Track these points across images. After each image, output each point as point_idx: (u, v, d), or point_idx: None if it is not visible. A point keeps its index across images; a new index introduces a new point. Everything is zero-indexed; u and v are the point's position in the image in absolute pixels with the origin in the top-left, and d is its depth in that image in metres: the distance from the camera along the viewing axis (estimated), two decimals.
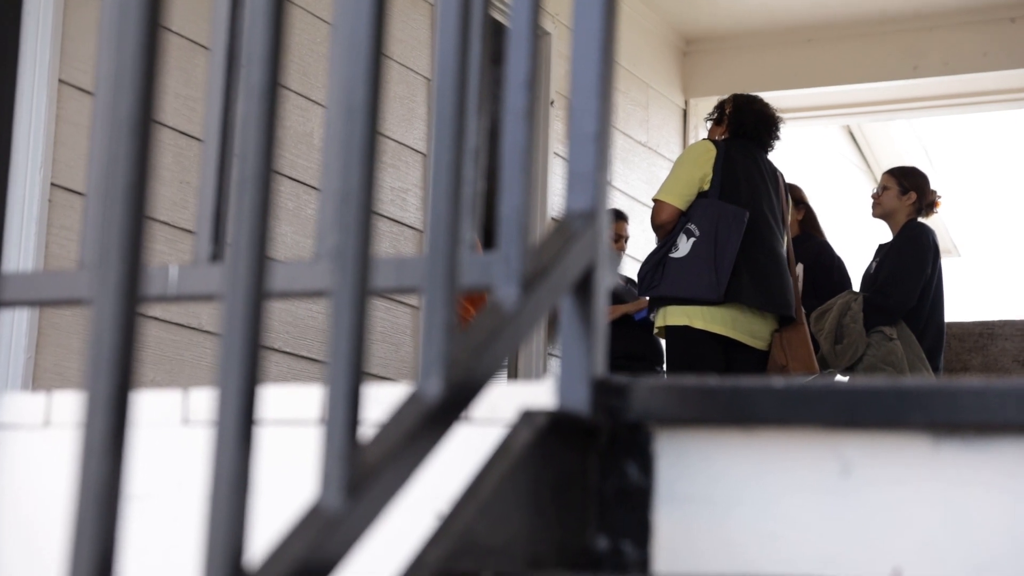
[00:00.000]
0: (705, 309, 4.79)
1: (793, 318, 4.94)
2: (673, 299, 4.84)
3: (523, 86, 1.34)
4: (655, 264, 4.90)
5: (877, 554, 1.25)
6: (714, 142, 5.01)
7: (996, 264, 11.73)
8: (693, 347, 4.80)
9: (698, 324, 4.79)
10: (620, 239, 6.34)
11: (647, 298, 5.79)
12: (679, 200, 4.88)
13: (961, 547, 1.22)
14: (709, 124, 5.28)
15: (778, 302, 4.87)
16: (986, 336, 6.27)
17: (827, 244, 5.84)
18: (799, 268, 5.63)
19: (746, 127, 5.07)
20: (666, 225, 4.89)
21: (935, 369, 5.37)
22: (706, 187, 4.89)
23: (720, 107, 5.23)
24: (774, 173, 5.10)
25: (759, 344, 4.89)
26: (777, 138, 5.15)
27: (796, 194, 5.86)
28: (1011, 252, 11.89)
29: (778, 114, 5.18)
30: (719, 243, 4.78)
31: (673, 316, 4.84)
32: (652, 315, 5.07)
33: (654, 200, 4.98)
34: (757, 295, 4.83)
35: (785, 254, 5.01)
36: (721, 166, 4.90)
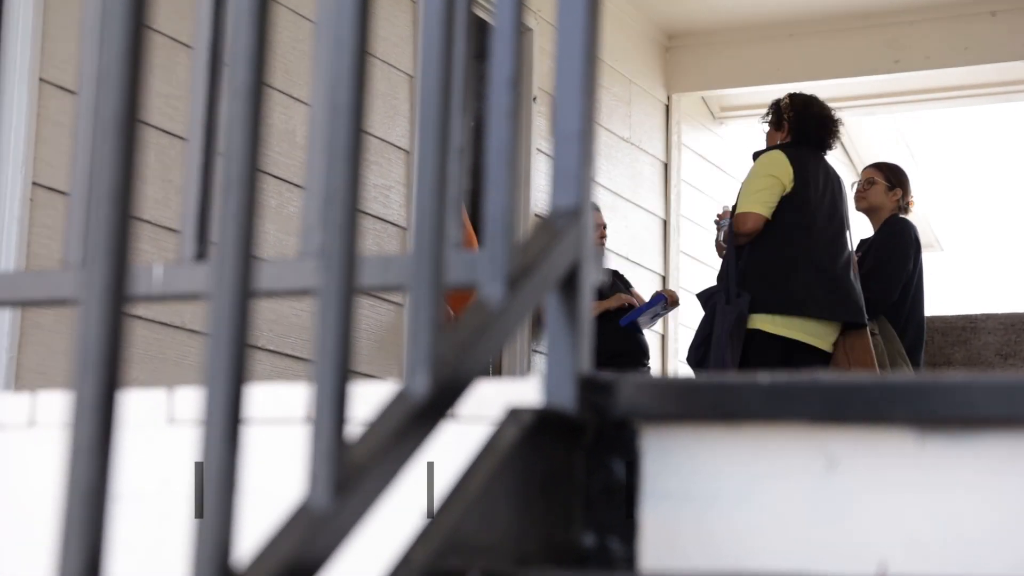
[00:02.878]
0: (769, 316, 4.86)
1: (862, 323, 4.99)
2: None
3: (507, 85, 1.34)
4: (701, 342, 4.96)
5: (863, 549, 1.26)
6: (782, 151, 5.01)
7: (979, 258, 11.77)
8: (754, 346, 4.86)
9: (766, 328, 4.85)
10: (597, 226, 6.34)
11: (627, 296, 5.80)
12: (764, 208, 4.92)
13: (946, 541, 1.23)
14: (766, 128, 5.25)
15: (849, 311, 4.93)
16: (969, 330, 6.30)
17: None
18: None
19: (810, 132, 5.08)
20: (752, 233, 4.91)
21: (915, 364, 5.39)
22: (787, 192, 4.92)
23: (776, 110, 5.20)
24: (837, 177, 5.14)
25: (823, 345, 4.93)
26: (838, 138, 5.18)
27: None
28: (993, 246, 11.94)
29: (836, 114, 5.19)
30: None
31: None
32: (649, 326, 5.15)
33: (738, 213, 4.97)
34: (828, 307, 4.88)
35: (852, 258, 5.07)
36: (796, 174, 4.94)
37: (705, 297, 5.05)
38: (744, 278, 4.90)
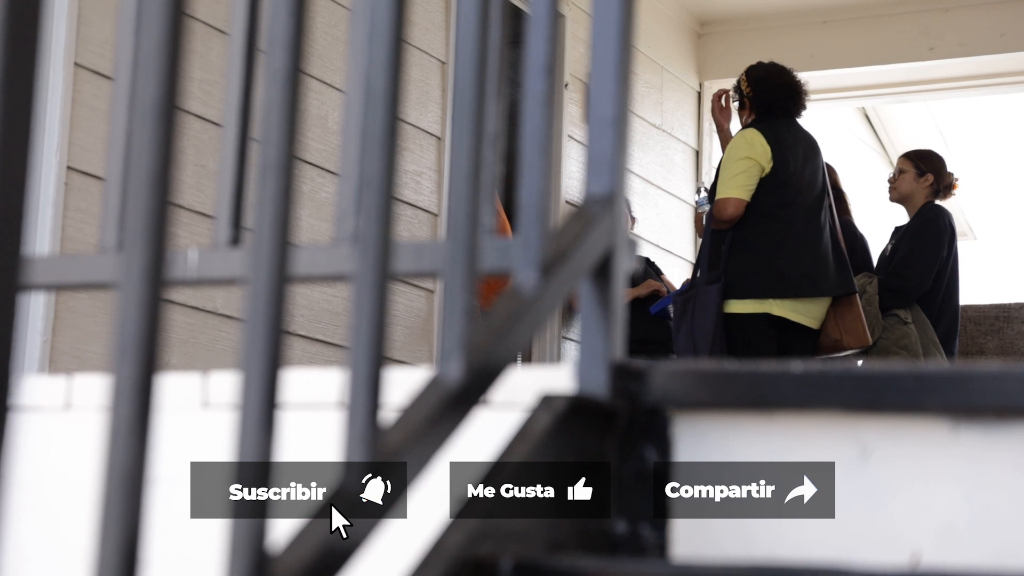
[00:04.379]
0: (763, 300, 4.83)
1: (852, 292, 4.95)
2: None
3: (543, 71, 1.34)
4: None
5: (896, 538, 1.25)
6: (757, 129, 4.96)
7: (1012, 247, 11.69)
8: (748, 330, 4.83)
9: (761, 310, 4.82)
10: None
11: (657, 283, 5.80)
12: (744, 192, 4.86)
13: (980, 531, 1.22)
14: (736, 106, 5.22)
15: (840, 283, 4.90)
16: (1002, 319, 6.26)
17: (850, 223, 5.82)
18: None
19: (773, 104, 5.02)
20: (734, 219, 4.87)
21: (949, 354, 5.35)
22: (767, 173, 4.87)
23: (737, 90, 5.17)
24: (814, 143, 5.07)
25: (812, 323, 4.91)
26: (805, 103, 5.10)
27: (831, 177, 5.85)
28: None
29: (798, 77, 5.12)
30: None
31: (731, 306, 4.87)
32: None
33: (718, 199, 4.92)
34: (818, 284, 4.84)
35: (836, 226, 5.03)
36: (774, 153, 4.89)
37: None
38: (731, 262, 4.86)
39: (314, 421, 1.51)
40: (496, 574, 1.13)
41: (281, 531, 0.96)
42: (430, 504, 1.24)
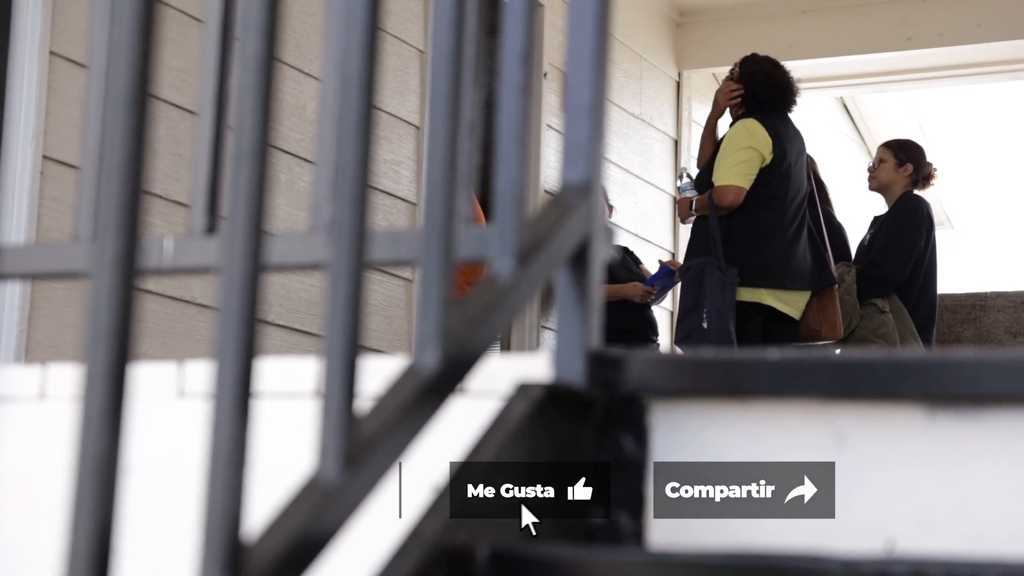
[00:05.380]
0: (751, 288, 4.86)
1: (832, 284, 5.01)
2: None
3: (519, 59, 1.34)
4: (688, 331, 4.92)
5: (871, 525, 1.26)
6: (757, 120, 4.97)
7: (989, 236, 11.75)
8: (739, 317, 4.85)
9: (748, 298, 4.85)
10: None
11: (643, 284, 5.80)
12: (744, 180, 4.89)
13: (955, 518, 1.23)
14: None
15: (824, 278, 4.95)
16: (979, 308, 6.29)
17: (829, 213, 5.84)
18: None
19: (764, 99, 5.05)
20: (733, 206, 4.88)
21: (927, 343, 5.38)
22: (766, 163, 4.90)
23: (731, 78, 5.21)
24: (802, 138, 5.12)
25: (794, 313, 4.95)
26: (796, 100, 5.12)
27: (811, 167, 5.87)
28: (1004, 224, 11.91)
29: (791, 74, 5.14)
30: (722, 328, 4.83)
31: None
32: (658, 301, 5.14)
33: (718, 185, 4.92)
34: (804, 277, 4.89)
35: (819, 218, 5.07)
36: (774, 145, 4.92)
37: (698, 270, 4.95)
38: (724, 250, 4.89)
39: (290, 410, 1.50)
40: (472, 562, 1.13)
41: (256, 520, 0.96)
42: (406, 492, 1.24)
